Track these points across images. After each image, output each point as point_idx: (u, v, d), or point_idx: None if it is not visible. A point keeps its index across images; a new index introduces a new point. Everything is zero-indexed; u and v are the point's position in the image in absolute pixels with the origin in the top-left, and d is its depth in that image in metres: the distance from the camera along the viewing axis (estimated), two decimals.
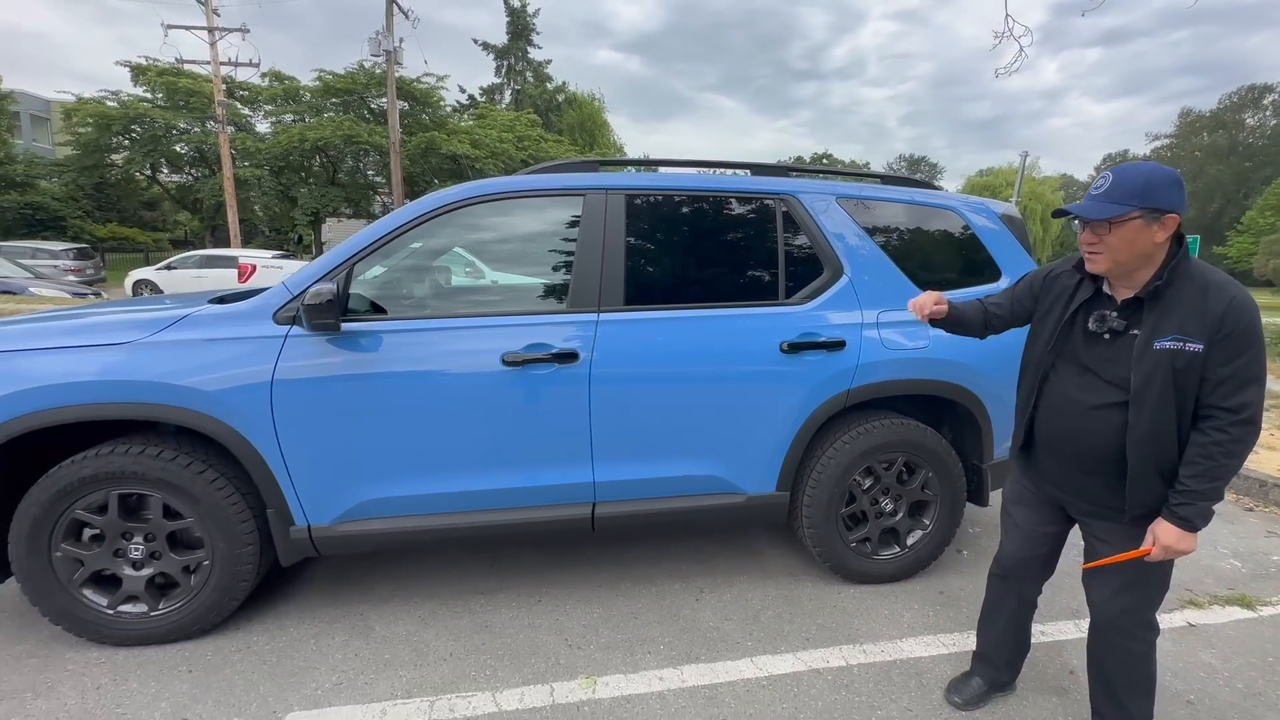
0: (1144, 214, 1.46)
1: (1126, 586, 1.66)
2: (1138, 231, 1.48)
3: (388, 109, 20.05)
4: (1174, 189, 1.47)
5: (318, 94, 24.14)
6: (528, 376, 2.29)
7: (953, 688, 2.08)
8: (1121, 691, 1.75)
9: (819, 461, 2.58)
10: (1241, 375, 1.43)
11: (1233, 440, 1.44)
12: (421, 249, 2.54)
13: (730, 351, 2.45)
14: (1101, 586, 1.71)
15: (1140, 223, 1.47)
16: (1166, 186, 1.47)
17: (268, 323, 2.19)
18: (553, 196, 2.49)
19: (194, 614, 2.23)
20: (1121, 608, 1.68)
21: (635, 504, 2.48)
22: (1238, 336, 1.42)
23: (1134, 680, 1.74)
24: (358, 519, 2.29)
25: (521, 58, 36.30)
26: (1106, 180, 1.52)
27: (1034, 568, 1.91)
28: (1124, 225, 1.48)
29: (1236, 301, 1.43)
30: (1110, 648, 1.74)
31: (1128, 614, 1.68)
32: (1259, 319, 1.45)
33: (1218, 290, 1.45)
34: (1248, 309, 1.44)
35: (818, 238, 2.61)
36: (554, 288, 2.50)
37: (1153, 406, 1.49)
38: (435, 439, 2.27)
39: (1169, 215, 1.47)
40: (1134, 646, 1.70)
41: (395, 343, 2.23)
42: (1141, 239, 1.48)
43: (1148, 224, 1.47)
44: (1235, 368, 1.43)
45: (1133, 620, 1.68)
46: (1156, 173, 1.48)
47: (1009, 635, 2.01)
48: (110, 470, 2.09)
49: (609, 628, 2.42)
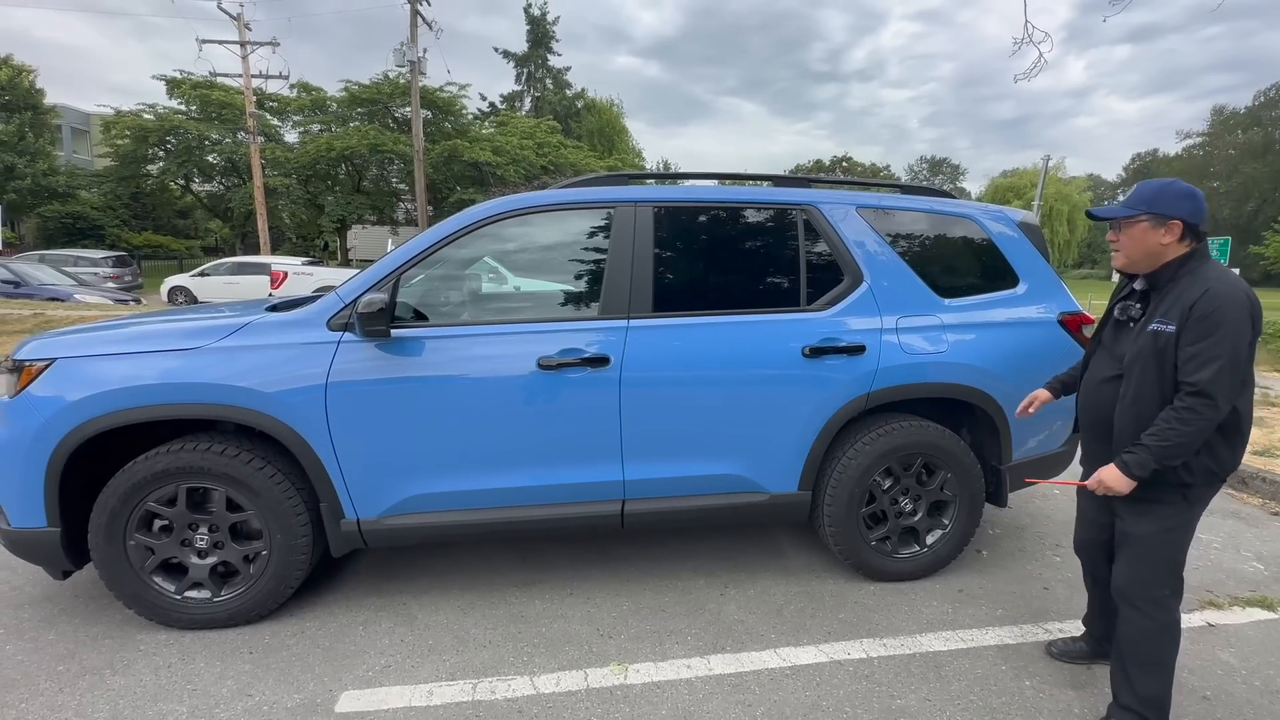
0: (1151, 218, 1.74)
1: (1131, 560, 1.86)
2: (1145, 232, 1.75)
3: (411, 118, 20.52)
4: (1183, 200, 1.73)
5: (344, 104, 24.76)
6: (561, 379, 2.42)
7: (1056, 642, 2.34)
8: (1130, 665, 1.87)
9: (840, 462, 2.67)
10: (1204, 355, 1.63)
11: (1187, 409, 1.64)
12: (463, 258, 2.69)
13: (753, 356, 2.56)
14: (1119, 561, 1.90)
15: (1147, 224, 1.75)
16: (1176, 197, 1.73)
17: (322, 329, 2.36)
18: (585, 210, 2.63)
19: (253, 600, 2.40)
20: (1128, 579, 1.86)
21: (663, 502, 2.60)
22: (1204, 320, 1.63)
23: (1140, 656, 1.86)
24: (403, 513, 2.44)
25: (541, 65, 36.77)
26: (1131, 191, 1.83)
27: (1098, 550, 2.10)
28: (1134, 225, 1.77)
29: (1210, 291, 1.64)
30: (1122, 620, 1.89)
31: (1133, 585, 1.85)
32: (1233, 309, 1.62)
33: (1201, 281, 1.68)
34: (1219, 297, 1.63)
35: (838, 246, 2.71)
36: (586, 295, 2.64)
37: (1136, 378, 1.76)
38: (475, 438, 2.42)
39: (1173, 221, 1.72)
40: (1140, 621, 1.84)
41: (439, 347, 2.39)
42: (1149, 239, 1.75)
43: (1154, 226, 1.74)
44: (1199, 349, 1.63)
45: (1138, 593, 1.84)
46: (1171, 185, 1.75)
47: (1096, 609, 2.22)
48: (180, 465, 2.27)
49: (638, 619, 2.54)
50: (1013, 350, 2.72)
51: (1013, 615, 2.61)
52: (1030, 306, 2.84)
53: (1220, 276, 1.68)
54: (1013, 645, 2.41)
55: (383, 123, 25.32)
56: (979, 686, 2.17)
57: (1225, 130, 58.20)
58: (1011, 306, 2.82)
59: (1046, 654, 2.33)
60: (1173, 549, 1.83)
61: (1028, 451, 2.94)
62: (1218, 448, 1.75)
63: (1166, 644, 1.85)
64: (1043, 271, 2.92)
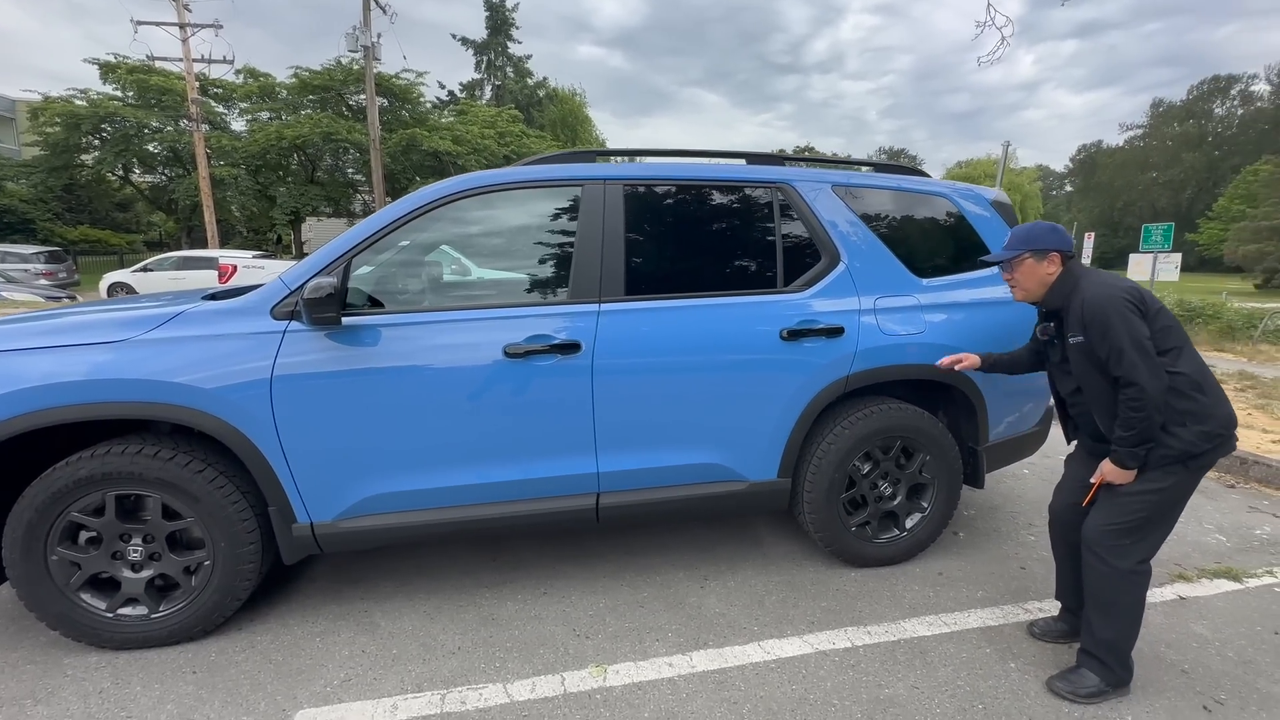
0: (1033, 254, 2.03)
1: (1103, 508, 1.97)
2: (1033, 268, 2.04)
3: (367, 105, 19.76)
4: (1050, 235, 2.03)
5: (294, 91, 23.74)
6: (529, 368, 2.28)
7: (1038, 622, 2.35)
8: (1091, 610, 1.99)
9: (819, 447, 2.60)
10: (1112, 352, 1.82)
11: (1128, 399, 1.81)
12: (419, 242, 2.51)
13: (731, 340, 2.46)
14: (1092, 515, 2.01)
15: (1032, 261, 2.03)
16: (1044, 234, 2.03)
17: (265, 318, 2.16)
18: (551, 187, 2.48)
19: (196, 615, 2.20)
20: (1097, 524, 1.97)
21: (639, 494, 2.49)
22: (1093, 325, 1.86)
23: (1101, 600, 1.96)
24: (361, 515, 2.27)
25: (501, 53, 36.00)
26: (1008, 236, 2.14)
27: (1077, 514, 2.13)
28: (1022, 264, 2.05)
29: (1085, 299, 1.88)
30: (1088, 567, 2.00)
31: (1100, 531, 1.95)
32: (1109, 305, 1.83)
33: (1079, 294, 1.92)
34: (1094, 302, 1.86)
35: (814, 225, 2.63)
36: (554, 280, 2.49)
37: (1089, 387, 1.97)
38: (438, 432, 2.26)
39: (1052, 253, 2.01)
40: (1098, 566, 1.95)
41: (396, 336, 2.22)
42: (1038, 272, 2.04)
43: (1038, 261, 2.03)
44: (1105, 348, 1.84)
45: (1097, 538, 1.95)
46: (1037, 226, 2.07)
47: (1072, 580, 2.22)
48: (107, 471, 2.05)
49: (616, 617, 2.43)
50: (989, 330, 2.69)
51: (993, 596, 2.59)
52: (1005, 286, 2.80)
53: (1093, 282, 1.91)
54: (995, 627, 2.38)
55: (336, 111, 24.36)
56: (965, 671, 2.13)
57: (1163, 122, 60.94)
58: (987, 286, 2.79)
59: (1029, 634, 2.32)
60: (1150, 510, 1.90)
61: (1001, 432, 2.93)
62: (1192, 411, 1.83)
63: (1123, 590, 1.94)
64: None
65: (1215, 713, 1.95)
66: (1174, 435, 1.83)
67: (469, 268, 3.76)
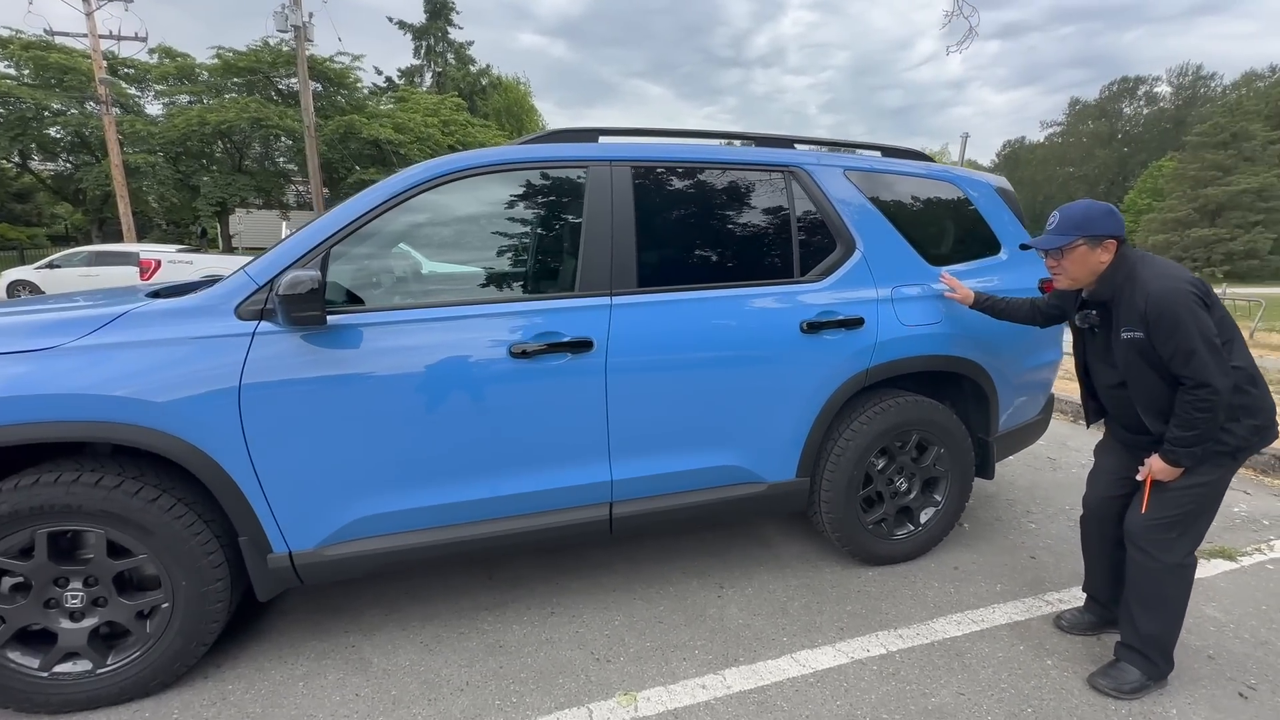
0: (1087, 241, 1.84)
1: (1149, 505, 1.90)
2: (1085, 255, 1.86)
3: (299, 90, 18.58)
4: (1108, 218, 1.84)
5: (217, 73, 22.13)
6: (538, 369, 2.06)
7: (1064, 615, 2.29)
8: (1134, 605, 1.93)
9: (837, 444, 2.49)
10: (1182, 350, 1.70)
11: (1197, 400, 1.71)
12: (404, 229, 2.23)
13: (748, 334, 2.30)
14: (1134, 510, 1.95)
15: (1085, 248, 1.85)
16: (1101, 217, 1.84)
17: (229, 318, 1.86)
18: (553, 169, 2.25)
19: (153, 666, 1.88)
20: (1142, 520, 1.90)
21: (654, 501, 2.31)
22: (1160, 322, 1.72)
23: (1146, 597, 1.91)
24: (350, 539, 2.00)
25: (441, 38, 34.73)
26: (1055, 218, 1.90)
27: (1114, 508, 2.08)
28: (1074, 250, 1.86)
29: (1151, 296, 1.73)
30: (1132, 562, 1.93)
31: (1146, 526, 1.89)
32: (1179, 303, 1.70)
33: (1140, 287, 1.76)
34: (1161, 299, 1.71)
35: (829, 212, 2.50)
36: (559, 271, 2.27)
37: (1139, 381, 1.86)
38: (436, 443, 2.01)
39: (1108, 240, 1.83)
40: (1145, 562, 1.89)
41: (385, 336, 1.95)
42: (1090, 260, 1.86)
43: (1092, 248, 1.84)
44: (1174, 346, 1.71)
45: (1142, 533, 1.89)
46: (1093, 207, 1.86)
47: (1105, 572, 2.17)
48: (35, 504, 1.71)
49: (635, 635, 2.24)
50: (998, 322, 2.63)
51: (1012, 589, 2.55)
52: (1013, 273, 2.77)
53: (1155, 273, 1.77)
54: (1022, 622, 2.33)
55: (265, 95, 22.86)
56: (1005, 671, 2.06)
57: (1079, 120, 64.90)
58: (996, 274, 2.74)
59: (1056, 628, 2.28)
60: (1197, 503, 1.85)
61: (1006, 422, 2.90)
62: (1246, 405, 1.78)
63: (1171, 584, 1.89)
64: (1021, 237, 2.86)
65: (1251, 699, 1.95)
66: (1229, 431, 1.77)
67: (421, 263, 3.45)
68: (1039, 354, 2.87)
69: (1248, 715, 1.88)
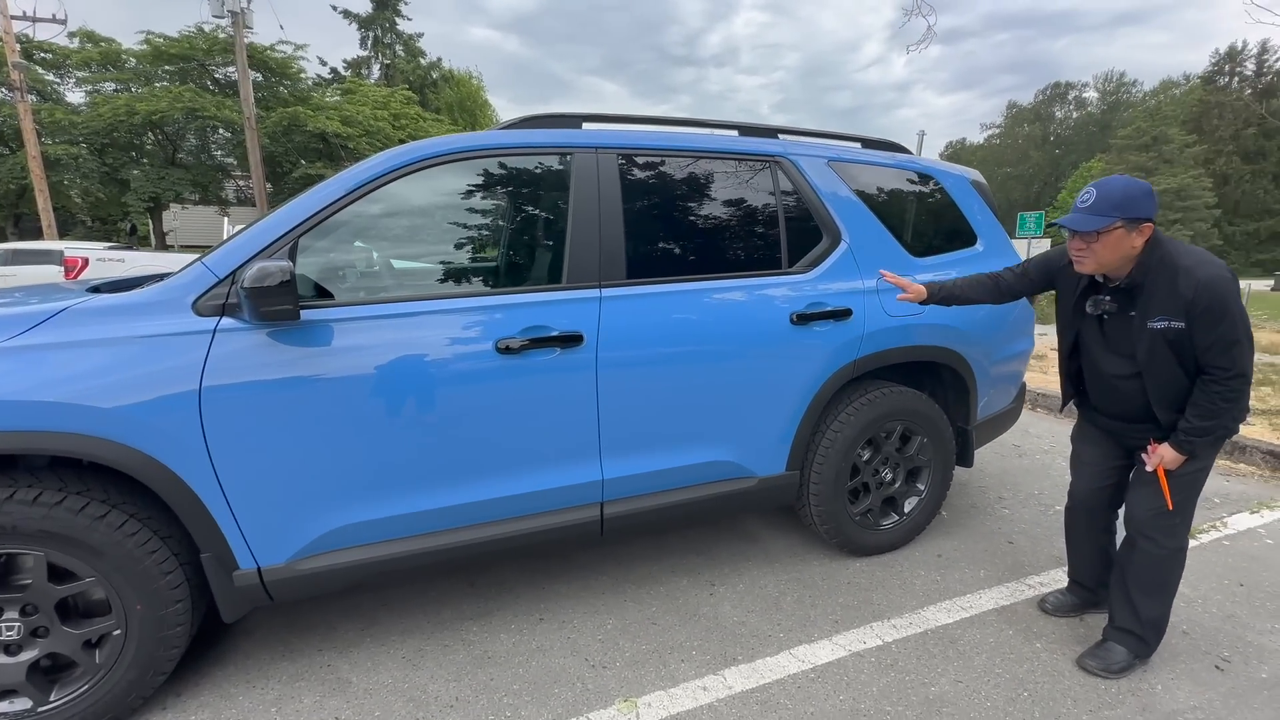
0: (1125, 224, 1.69)
1: (1146, 492, 1.91)
2: (1121, 239, 1.71)
3: (238, 79, 17.64)
4: (1148, 200, 1.70)
5: (146, 60, 20.74)
6: (526, 364, 1.96)
7: (1048, 598, 2.33)
8: (1134, 592, 1.96)
9: (825, 437, 2.48)
10: (1225, 339, 1.66)
11: (1230, 390, 1.70)
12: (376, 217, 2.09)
13: (742, 325, 2.26)
14: (1140, 495, 1.94)
15: (1123, 231, 1.70)
16: (1142, 198, 1.69)
17: (186, 314, 1.69)
18: (536, 155, 2.15)
19: (104, 700, 1.70)
20: (1148, 509, 1.90)
21: (646, 499, 2.24)
22: (1210, 311, 1.65)
23: (1149, 583, 1.94)
24: (326, 551, 1.86)
25: (390, 29, 33.59)
26: (1091, 195, 1.73)
27: (1104, 497, 2.13)
28: (1110, 234, 1.70)
29: (1202, 284, 1.65)
30: (1135, 550, 1.95)
31: (1153, 514, 1.90)
32: (1229, 291, 1.66)
33: (1186, 275, 1.67)
34: (1212, 285, 1.65)
35: (815, 203, 2.48)
36: (546, 261, 2.18)
37: (1159, 372, 1.79)
38: (418, 445, 1.89)
39: (1145, 223, 1.70)
40: (1153, 550, 1.91)
41: (362, 331, 1.81)
42: (1124, 244, 1.72)
43: (1129, 232, 1.70)
44: (1216, 335, 1.67)
45: (1154, 523, 1.90)
46: (1133, 186, 1.69)
47: (1092, 558, 2.21)
48: None
49: (629, 639, 2.17)
50: (985, 309, 2.68)
51: (995, 574, 2.60)
52: (989, 264, 2.81)
53: (1200, 261, 1.70)
54: (1009, 606, 2.37)
55: (200, 84, 21.60)
56: (999, 657, 2.08)
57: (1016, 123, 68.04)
58: (974, 265, 2.78)
59: (1041, 610, 2.32)
60: (1197, 485, 1.90)
61: (983, 411, 2.95)
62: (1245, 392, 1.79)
63: (1173, 568, 1.94)
64: (996, 230, 2.92)
65: (1227, 671, 2.02)
66: (1235, 420, 1.78)
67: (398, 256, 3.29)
68: (1014, 344, 2.93)
69: (1225, 687, 1.95)
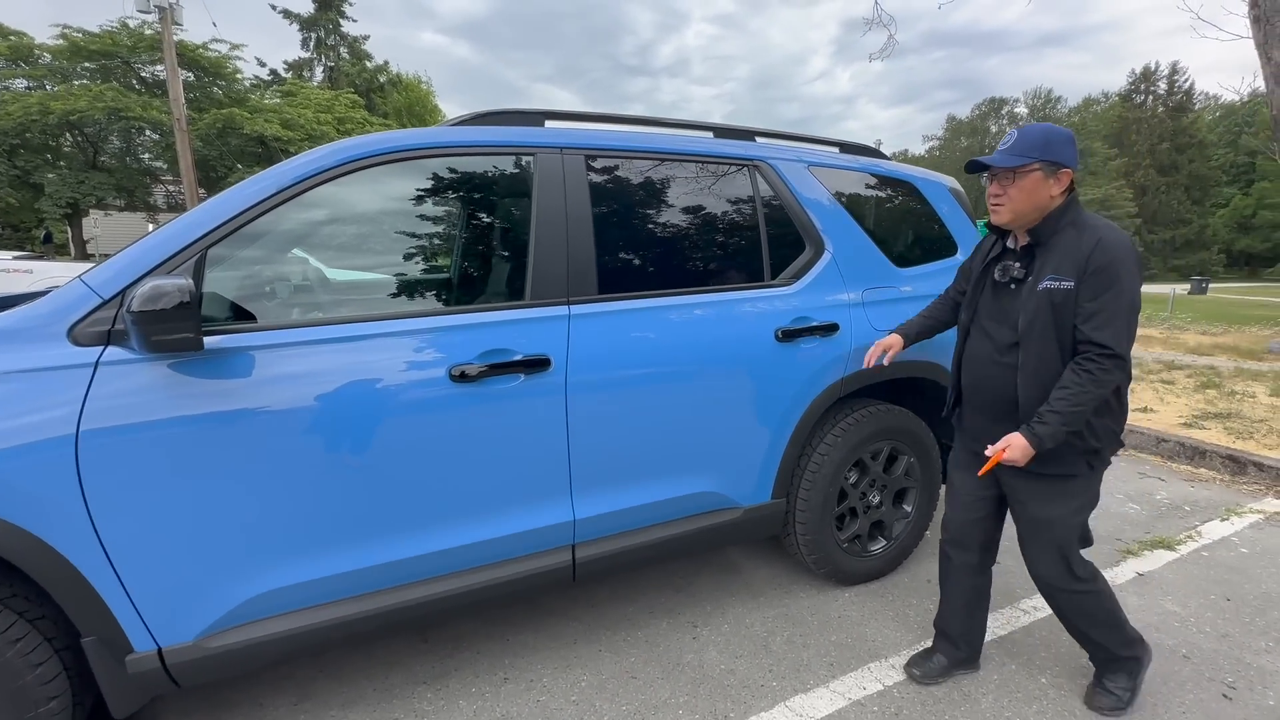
0: (1043, 166, 1.59)
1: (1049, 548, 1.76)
2: (1038, 183, 1.60)
3: (167, 79, 16.58)
4: (1068, 146, 1.60)
5: (62, 56, 19.30)
6: (485, 393, 1.71)
7: (914, 662, 2.04)
8: (1092, 633, 1.85)
9: (812, 460, 2.31)
10: (1108, 311, 1.52)
11: (1100, 370, 1.53)
12: (300, 228, 1.81)
13: (723, 343, 2.07)
14: (1036, 551, 1.80)
15: (1040, 175, 1.59)
16: (1062, 143, 1.60)
17: (60, 343, 1.37)
18: (492, 156, 1.91)
19: None
20: (1052, 569, 1.78)
21: (622, 539, 2.01)
22: (1103, 272, 1.51)
23: (1093, 619, 1.83)
24: (244, 622, 1.55)
25: (333, 30, 32.48)
26: (1012, 137, 1.64)
27: (973, 532, 1.93)
28: (1026, 176, 1.60)
29: (1103, 241, 1.53)
30: (1067, 605, 1.84)
31: (1058, 574, 1.78)
32: (1128, 259, 1.53)
33: (1091, 231, 1.57)
34: (1113, 247, 1.53)
35: (796, 210, 2.32)
36: (505, 275, 1.93)
37: (1037, 343, 1.62)
38: (357, 492, 1.61)
39: (1064, 170, 1.60)
40: (1079, 601, 1.81)
41: (290, 360, 1.53)
42: (1040, 191, 1.60)
43: (1046, 176, 1.59)
44: (1101, 303, 1.52)
45: (1064, 578, 1.78)
46: (1054, 130, 1.60)
47: (960, 605, 1.99)
48: None
49: (606, 698, 1.93)
50: None
51: None
52: None
53: (1108, 225, 1.59)
54: (1005, 636, 2.25)
55: (124, 83, 20.25)
56: (1006, 697, 1.94)
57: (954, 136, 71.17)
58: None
59: (909, 678, 2.00)
60: (1083, 524, 1.78)
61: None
62: (1111, 403, 1.65)
63: (1100, 601, 1.82)
64: (975, 239, 2.83)
65: (1235, 700, 1.93)
66: (1091, 428, 1.62)
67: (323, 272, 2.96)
68: None
69: (1239, 717, 1.86)
